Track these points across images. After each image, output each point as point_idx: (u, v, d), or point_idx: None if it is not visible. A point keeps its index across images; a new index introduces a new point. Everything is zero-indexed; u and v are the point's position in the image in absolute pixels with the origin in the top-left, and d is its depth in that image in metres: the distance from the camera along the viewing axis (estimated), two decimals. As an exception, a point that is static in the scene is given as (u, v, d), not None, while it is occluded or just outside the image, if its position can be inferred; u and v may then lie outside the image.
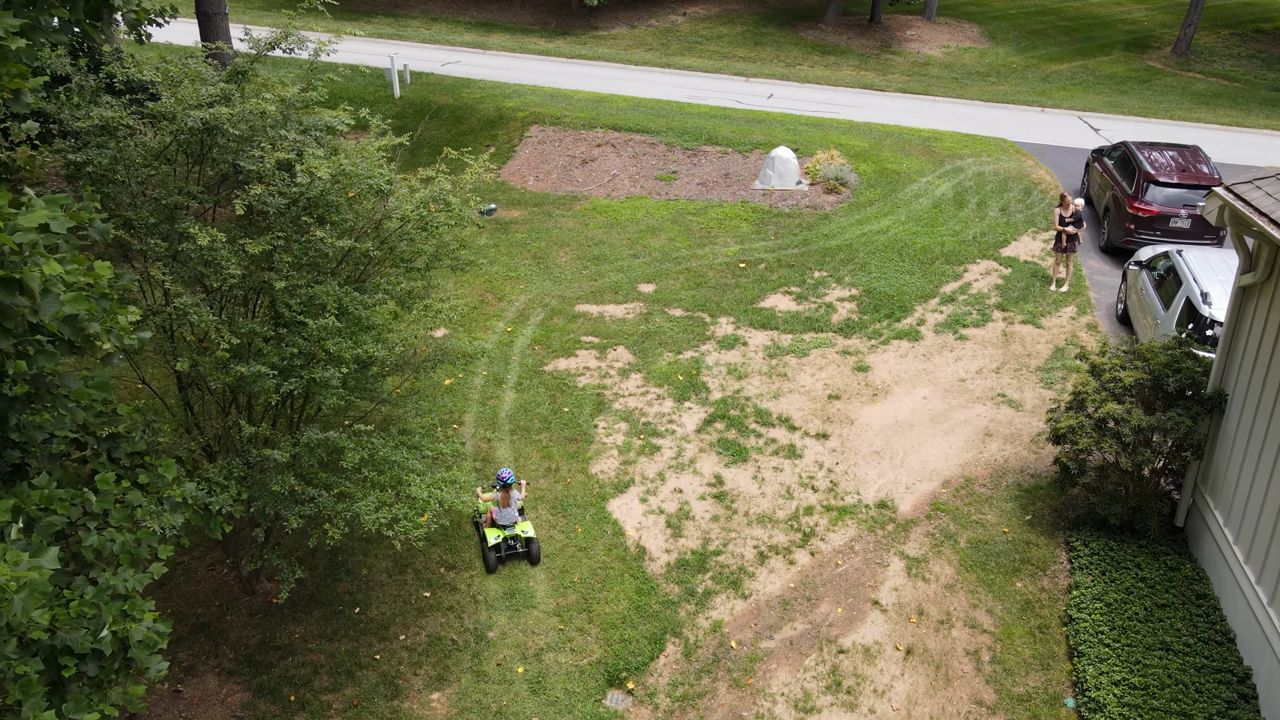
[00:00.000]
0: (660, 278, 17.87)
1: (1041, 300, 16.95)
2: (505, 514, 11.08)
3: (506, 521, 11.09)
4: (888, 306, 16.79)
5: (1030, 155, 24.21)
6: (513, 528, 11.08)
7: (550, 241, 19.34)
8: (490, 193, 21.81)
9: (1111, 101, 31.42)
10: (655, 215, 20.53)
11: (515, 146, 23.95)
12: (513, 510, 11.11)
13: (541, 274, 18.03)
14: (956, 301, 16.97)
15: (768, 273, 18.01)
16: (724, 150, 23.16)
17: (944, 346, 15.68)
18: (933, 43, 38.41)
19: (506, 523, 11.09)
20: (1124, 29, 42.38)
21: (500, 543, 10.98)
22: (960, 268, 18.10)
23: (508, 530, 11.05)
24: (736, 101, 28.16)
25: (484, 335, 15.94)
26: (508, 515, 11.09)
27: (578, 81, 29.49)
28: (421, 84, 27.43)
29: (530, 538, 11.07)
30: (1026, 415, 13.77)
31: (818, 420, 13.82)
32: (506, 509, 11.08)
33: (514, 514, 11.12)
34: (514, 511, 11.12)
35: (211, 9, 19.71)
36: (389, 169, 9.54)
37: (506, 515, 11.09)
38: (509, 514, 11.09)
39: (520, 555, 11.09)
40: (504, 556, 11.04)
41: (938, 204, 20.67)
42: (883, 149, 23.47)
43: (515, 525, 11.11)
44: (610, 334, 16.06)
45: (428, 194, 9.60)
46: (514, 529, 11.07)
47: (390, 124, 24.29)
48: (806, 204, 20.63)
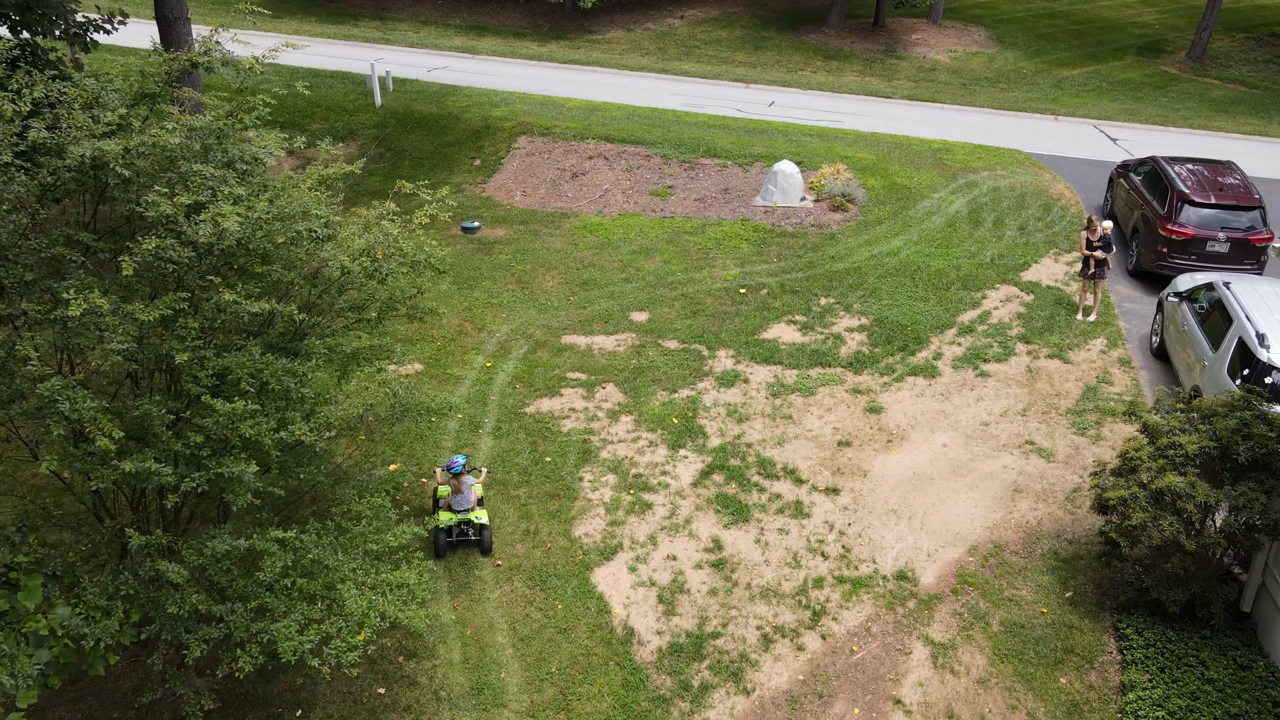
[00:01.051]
0: (654, 305, 16.52)
1: (1068, 331, 15.60)
2: (459, 500, 10.96)
3: (461, 507, 10.96)
4: (901, 338, 15.44)
5: (1047, 168, 22.87)
6: (466, 514, 10.94)
7: (536, 264, 17.98)
8: (474, 209, 20.45)
9: (1127, 109, 30.09)
10: (649, 234, 19.18)
11: (501, 159, 22.59)
12: (467, 496, 10.99)
13: (526, 300, 16.67)
14: (975, 332, 15.62)
15: (770, 299, 16.66)
16: (723, 163, 21.81)
17: (964, 384, 14.33)
18: (939, 47, 37.09)
19: (461, 509, 10.96)
20: (1136, 33, 41.07)
21: (452, 527, 10.86)
22: (978, 294, 16.75)
23: (460, 515, 10.91)
24: (736, 110, 26.82)
25: (461, 371, 14.58)
26: (461, 501, 10.97)
27: (570, 88, 28.14)
28: (404, 91, 26.08)
29: (483, 525, 10.92)
30: (1059, 467, 12.41)
31: (827, 472, 12.46)
32: (459, 495, 10.96)
33: (468, 500, 11.01)
34: (468, 498, 11.00)
35: (172, 13, 18.35)
36: (327, 210, 8.13)
37: (460, 501, 10.97)
38: (463, 500, 10.98)
39: (473, 543, 10.96)
40: (455, 543, 10.94)
41: (952, 222, 19.32)
42: (891, 162, 22.12)
43: (470, 512, 10.97)
44: (599, 369, 14.70)
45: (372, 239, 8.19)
46: (467, 515, 10.93)
47: (370, 134, 23.03)
48: (811, 222, 19.28)
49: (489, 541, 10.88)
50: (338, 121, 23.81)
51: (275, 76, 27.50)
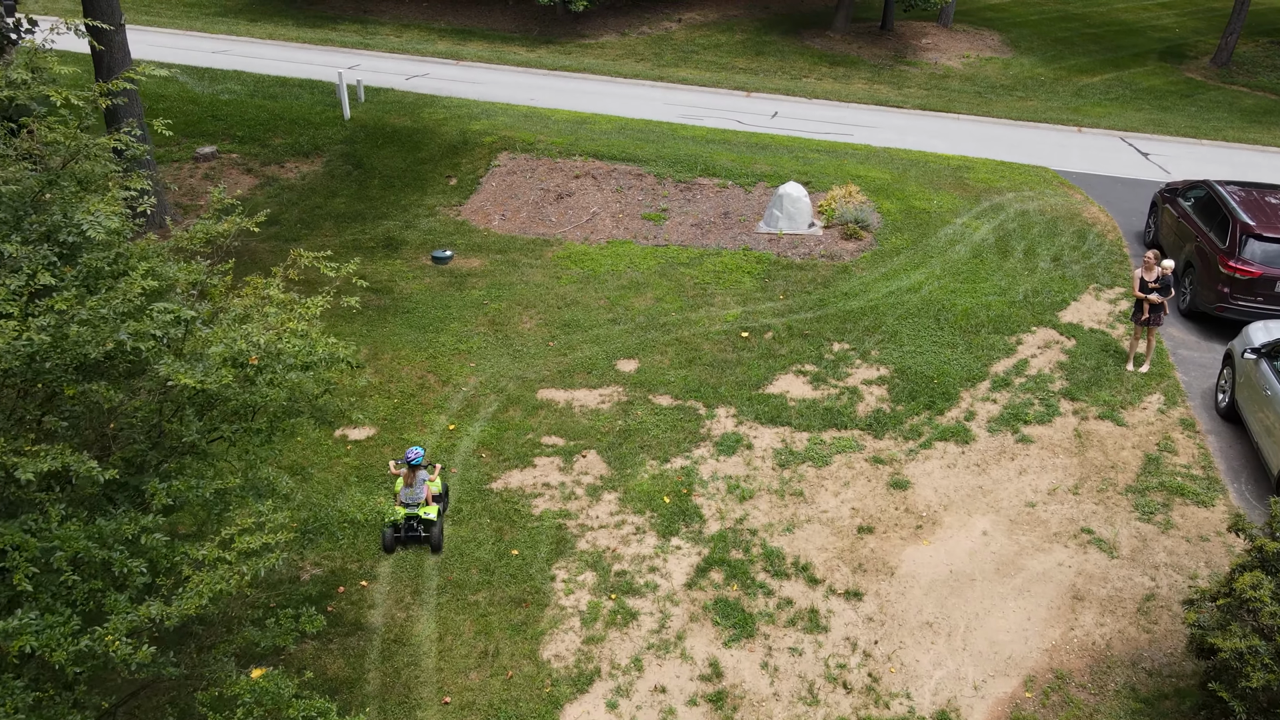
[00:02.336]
0: (645, 351, 14.53)
1: (1118, 385, 13.62)
2: (410, 494, 10.63)
3: (411, 501, 10.62)
4: (927, 393, 13.46)
5: (1077, 188, 20.89)
6: (415, 509, 10.57)
7: (513, 301, 15.99)
8: (447, 236, 18.47)
9: (1154, 119, 28.12)
10: (641, 266, 17.19)
11: (480, 178, 20.60)
12: (418, 491, 10.64)
13: (499, 346, 14.68)
14: (1012, 386, 13.63)
15: (776, 344, 14.67)
16: (722, 184, 19.83)
17: (1002, 452, 12.34)
18: (951, 52, 35.12)
19: (411, 502, 10.62)
20: (1155, 36, 39.11)
21: (400, 522, 10.49)
22: (1012, 338, 14.76)
23: (409, 510, 10.55)
24: (736, 122, 24.83)
25: (419, 434, 12.58)
26: (412, 495, 10.63)
27: (558, 98, 26.16)
28: (378, 102, 24.08)
29: (431, 521, 10.56)
30: (1125, 565, 10.42)
31: (846, 568, 10.47)
32: (410, 489, 10.63)
33: (419, 495, 10.64)
34: (419, 493, 10.64)
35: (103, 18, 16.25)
36: (182, 304, 6.13)
37: (411, 495, 10.63)
38: (414, 494, 10.63)
39: (422, 539, 10.62)
40: (404, 538, 10.61)
41: (978, 252, 17.33)
42: (908, 182, 20.14)
43: (420, 507, 10.59)
44: (580, 433, 12.71)
45: (250, 333, 6.21)
46: (416, 511, 10.56)
47: (337, 149, 21.02)
48: (821, 253, 17.29)
49: (438, 539, 10.51)
50: (302, 135, 21.82)
51: (239, 86, 25.65)
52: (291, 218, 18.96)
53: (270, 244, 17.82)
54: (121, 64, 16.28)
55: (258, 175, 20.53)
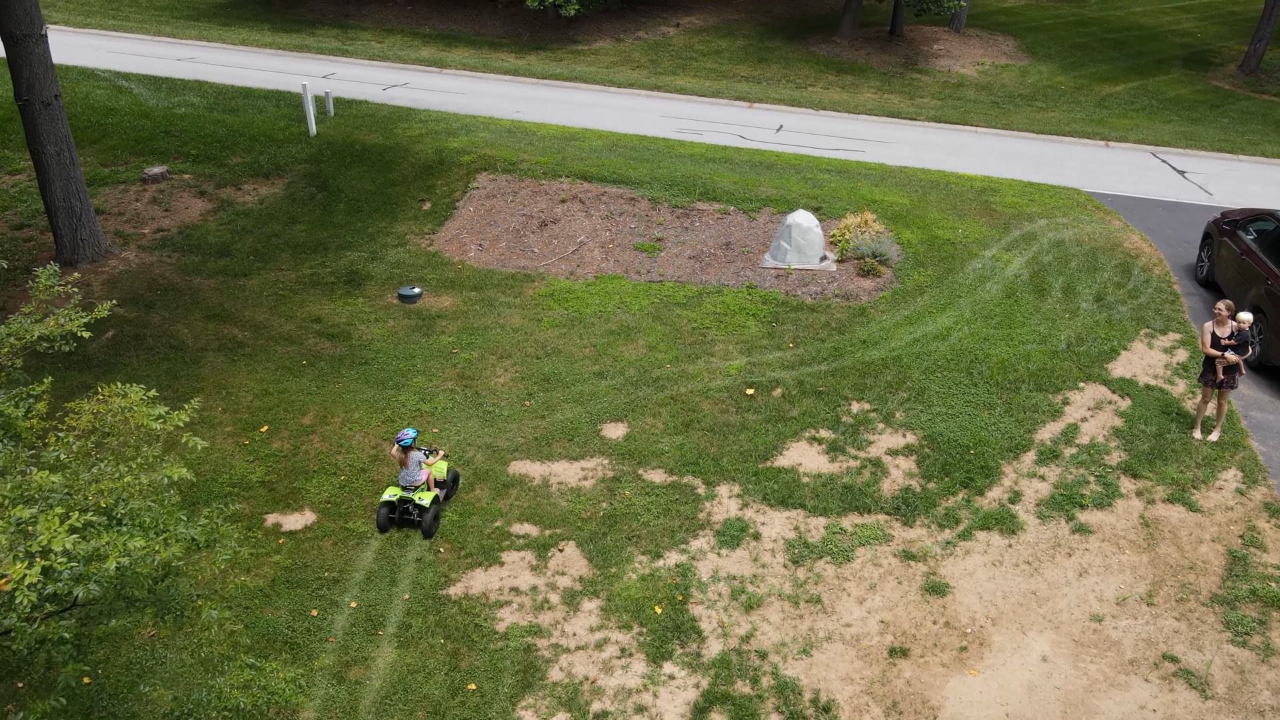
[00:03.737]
0: (635, 412, 12.62)
1: (1186, 457, 11.70)
2: (405, 475, 10.52)
3: (406, 483, 10.51)
4: (963, 467, 11.54)
5: (1113, 212, 18.98)
6: (411, 492, 10.47)
7: (486, 349, 14.08)
8: (416, 270, 16.54)
9: (1185, 133, 26.22)
10: (632, 306, 15.27)
11: (456, 202, 18.68)
12: (413, 473, 10.51)
13: (468, 406, 12.77)
14: (1062, 459, 11.72)
15: (786, 404, 12.76)
16: (724, 209, 17.91)
17: (1056, 545, 10.43)
18: (964, 59, 33.22)
19: (406, 484, 10.50)
20: (1177, 42, 37.24)
21: (395, 502, 10.46)
22: (1057, 397, 12.85)
23: (405, 492, 10.47)
24: (739, 137, 22.92)
25: (367, 523, 10.66)
26: (407, 477, 10.51)
27: (546, 110, 24.24)
28: (348, 116, 22.16)
29: (424, 507, 10.41)
30: (1222, 710, 8.50)
31: (878, 708, 8.56)
32: (406, 470, 10.50)
33: (415, 477, 10.52)
34: (415, 475, 10.51)
35: (19, 29, 14.29)
36: None
37: (406, 476, 10.52)
38: (409, 475, 10.51)
39: (415, 524, 10.52)
40: (398, 519, 10.53)
41: (1011, 291, 15.42)
42: (928, 207, 18.22)
43: (415, 491, 10.48)
44: (557, 519, 10.80)
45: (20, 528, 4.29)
46: (412, 493, 10.46)
47: (300, 169, 19.05)
48: (835, 292, 15.37)
49: (430, 525, 10.38)
50: (263, 154, 19.89)
51: (198, 98, 23.74)
52: (245, 248, 17.04)
53: (218, 280, 15.90)
54: (41, 79, 14.34)
55: (211, 198, 18.61)
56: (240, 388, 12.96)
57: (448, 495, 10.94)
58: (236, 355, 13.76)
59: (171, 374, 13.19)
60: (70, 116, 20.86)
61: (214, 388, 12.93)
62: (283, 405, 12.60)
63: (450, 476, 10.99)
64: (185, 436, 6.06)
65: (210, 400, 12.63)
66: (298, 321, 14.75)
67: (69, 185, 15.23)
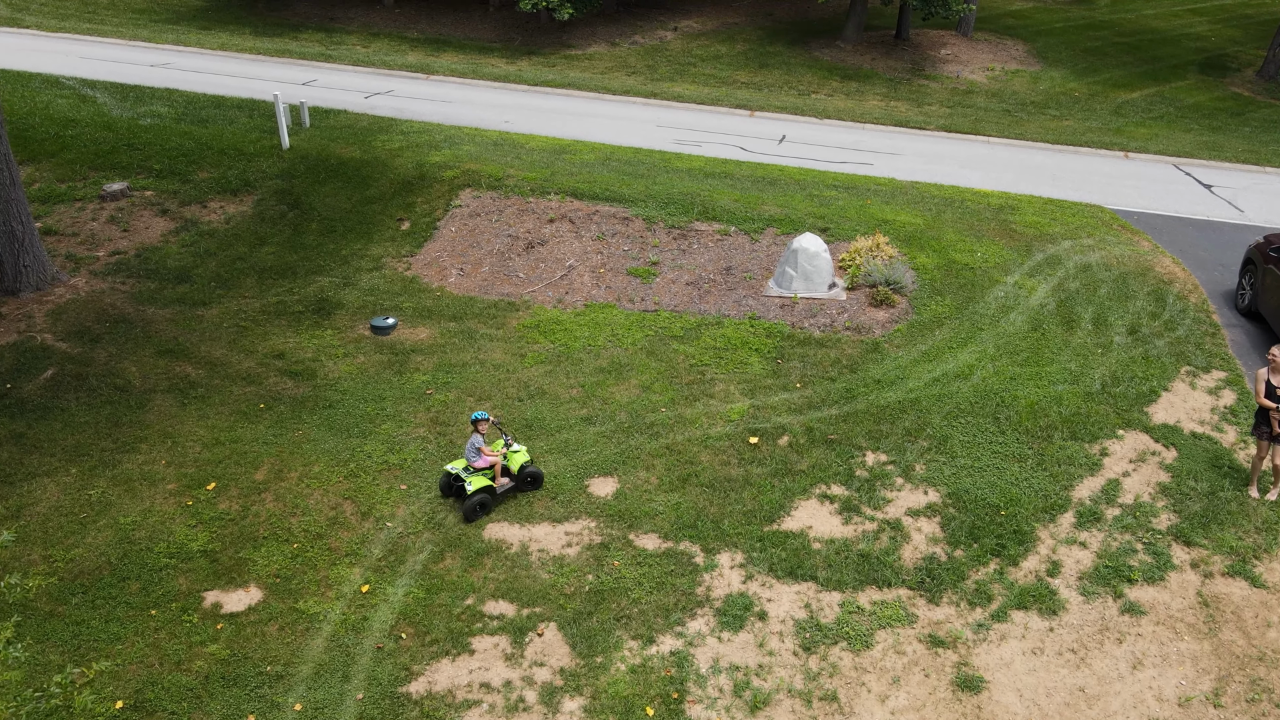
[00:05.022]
0: (626, 464, 11.36)
1: (1243, 520, 10.44)
2: (467, 450, 10.51)
3: (468, 458, 10.48)
4: (993, 531, 10.29)
5: (1141, 232, 17.74)
6: (468, 471, 10.45)
7: (464, 389, 12.82)
8: (392, 297, 15.28)
9: (1208, 143, 24.99)
10: (624, 339, 14.01)
11: (438, 221, 17.42)
12: (470, 453, 10.42)
13: (441, 457, 11.50)
14: (1104, 521, 10.46)
15: (794, 454, 11.50)
16: (724, 230, 16.65)
17: (1104, 629, 9.17)
18: (973, 64, 31.99)
19: (469, 459, 10.48)
20: (1191, 46, 36.04)
21: (454, 474, 10.55)
22: (1094, 447, 11.59)
23: (466, 472, 10.45)
24: (739, 149, 21.67)
25: (319, 601, 9.40)
26: (468, 453, 10.48)
27: (536, 120, 22.99)
28: (325, 127, 20.89)
29: (463, 489, 10.43)
30: (1313, 847, 7.25)
31: (907, 841, 7.30)
32: (470, 446, 10.46)
33: (472, 457, 10.41)
34: (472, 454, 10.41)
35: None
36: None
37: (468, 452, 10.49)
38: (468, 452, 10.47)
39: (461, 498, 10.60)
40: (454, 491, 10.68)
41: (1037, 322, 14.16)
42: (944, 227, 16.97)
43: (469, 472, 10.42)
44: (536, 595, 9.54)
45: None
46: (465, 472, 10.42)
47: (271, 186, 17.78)
48: (846, 324, 14.11)
49: (469, 511, 10.34)
50: (231, 169, 18.62)
51: (166, 108, 22.46)
52: (207, 273, 15.77)
53: (174, 310, 14.63)
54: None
55: (173, 217, 17.34)
56: (188, 436, 11.69)
57: (520, 489, 10.77)
58: (188, 397, 12.48)
59: (113, 420, 11.92)
60: (27, 129, 19.62)
61: (159, 436, 11.65)
62: (234, 457, 11.33)
63: (528, 473, 10.74)
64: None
65: (154, 452, 11.36)
66: (258, 357, 13.49)
67: (9, 208, 13.97)
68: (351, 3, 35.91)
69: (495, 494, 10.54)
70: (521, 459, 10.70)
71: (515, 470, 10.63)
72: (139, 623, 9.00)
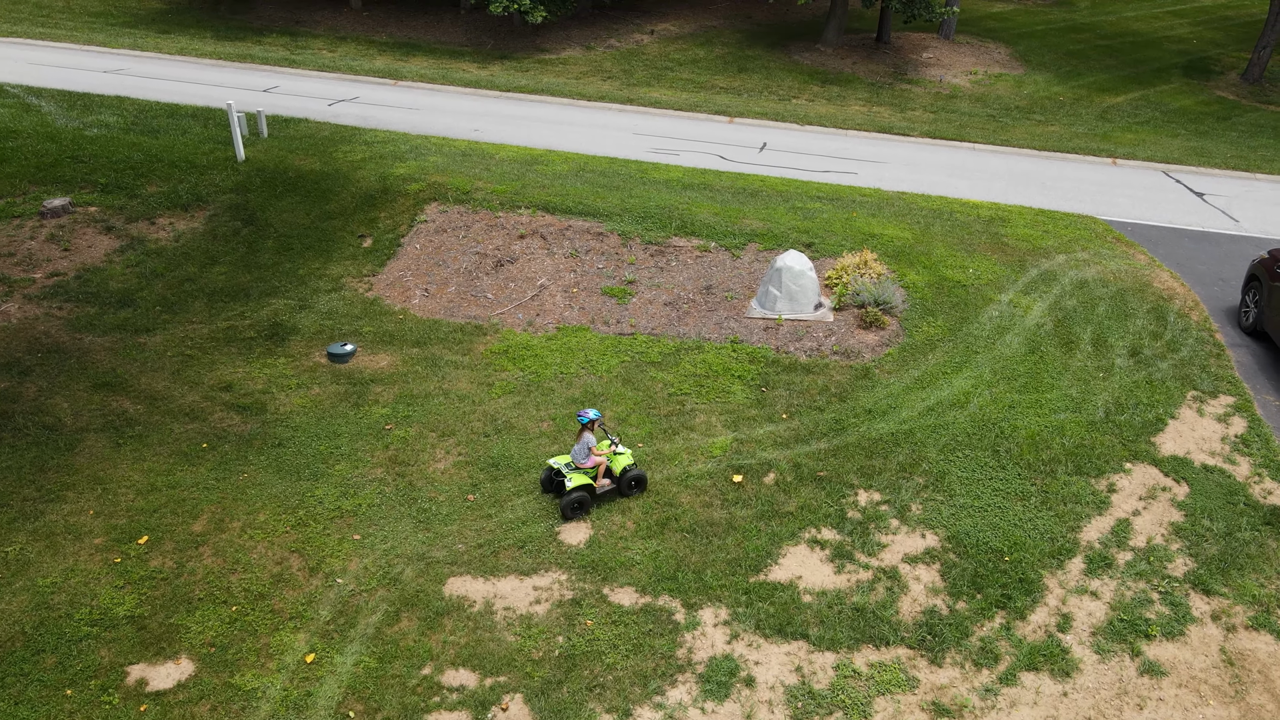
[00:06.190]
0: (599, 506, 10.48)
1: (1262, 563, 9.72)
2: (574, 451, 10.27)
3: (574, 456, 10.27)
4: (997, 580, 9.51)
5: (1136, 244, 17.08)
6: (570, 468, 10.23)
7: (426, 424, 11.90)
8: (352, 320, 14.33)
9: (1195, 148, 24.46)
10: (599, 366, 13.14)
11: (401, 238, 16.47)
12: (578, 452, 10.18)
13: (399, 502, 10.58)
14: (1115, 568, 9.71)
15: (781, 494, 10.67)
16: (704, 245, 15.82)
17: (1123, 692, 8.40)
18: (955, 68, 31.38)
19: (576, 459, 10.25)
20: (1173, 49, 35.64)
21: (556, 469, 10.29)
22: (1101, 482, 10.85)
23: (567, 468, 10.23)
24: (719, 158, 20.86)
25: (258, 674, 8.45)
26: (575, 454, 10.24)
27: (507, 128, 22.07)
28: (284, 137, 19.87)
29: (561, 485, 10.29)
30: None
31: None
32: (576, 446, 10.28)
33: (579, 456, 10.17)
34: (578, 454, 10.18)
35: None
36: None
37: (574, 453, 10.25)
38: (575, 454, 10.23)
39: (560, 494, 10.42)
40: (554, 488, 10.51)
41: (1034, 344, 13.42)
42: (933, 241, 16.22)
43: (570, 469, 10.21)
44: (501, 661, 8.65)
45: None
46: (568, 469, 10.21)
47: (225, 200, 16.73)
48: (834, 348, 13.31)
49: (566, 509, 10.13)
50: (182, 183, 17.57)
51: (115, 117, 21.35)
52: (152, 296, 14.75)
53: (114, 338, 13.61)
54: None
55: (119, 235, 16.28)
56: (121, 482, 10.70)
57: (621, 492, 10.50)
58: (123, 437, 11.48)
59: (38, 464, 10.91)
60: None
61: (88, 482, 10.65)
62: (171, 505, 10.36)
63: (630, 476, 10.47)
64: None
65: (81, 500, 10.36)
66: (204, 390, 12.50)
67: (-70, 230, 12.90)
68: (318, 5, 34.83)
69: (594, 494, 10.35)
70: (625, 461, 10.46)
71: (618, 472, 10.42)
72: (52, 705, 8.02)
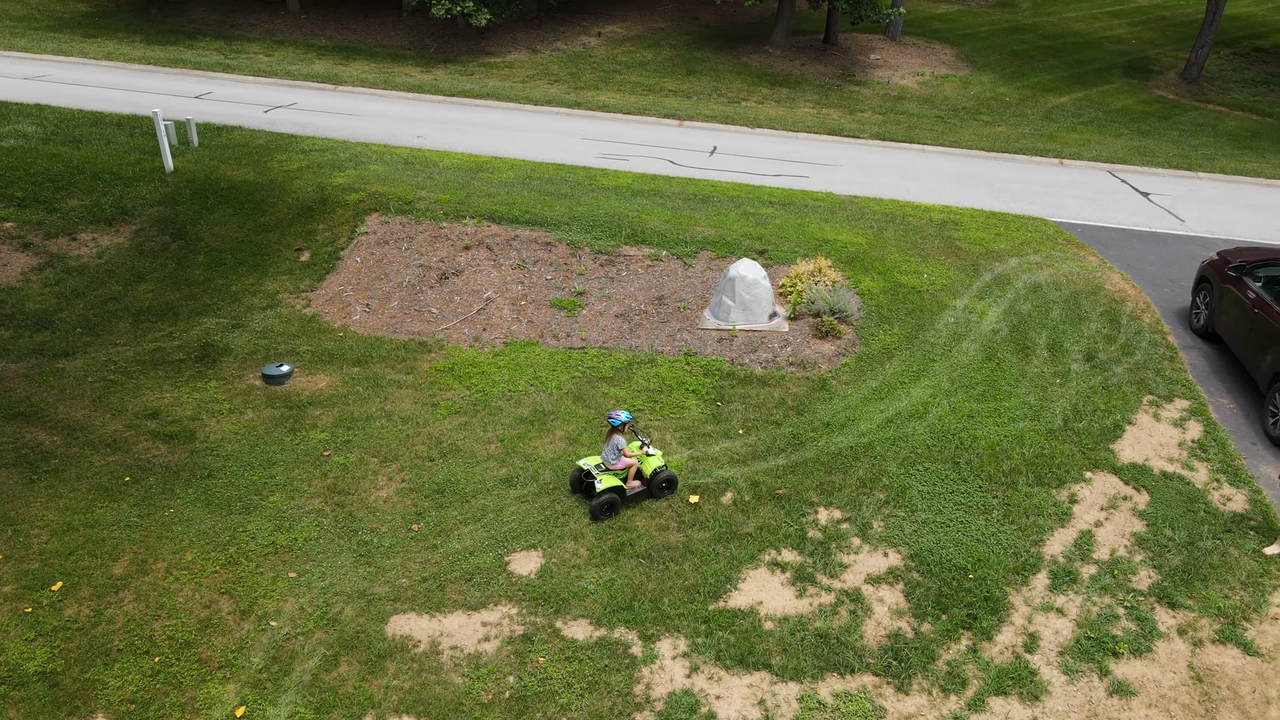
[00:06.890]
0: (551, 533, 10.03)
1: (1224, 572, 9.59)
2: (604, 452, 10.22)
3: (604, 458, 10.22)
4: (962, 599, 9.25)
5: (1087, 246, 17.08)
6: (601, 469, 10.20)
7: (367, 449, 11.32)
8: (288, 340, 13.67)
9: (1138, 148, 24.74)
10: (548, 383, 12.67)
11: (341, 251, 15.81)
12: (608, 454, 10.14)
13: (338, 535, 10.00)
14: (1080, 582, 9.51)
15: (739, 514, 10.31)
16: (655, 254, 15.43)
17: (1091, 715, 8.17)
18: (903, 69, 31.45)
19: (607, 460, 10.20)
20: (1113, 49, 36.18)
21: (586, 470, 10.23)
22: (1062, 492, 10.67)
23: (597, 469, 10.18)
24: (669, 162, 20.50)
25: (186, 731, 7.84)
26: (605, 455, 10.19)
27: (452, 134, 21.48)
28: (215, 146, 19.04)
29: (592, 486, 10.16)
30: None
31: None
32: (609, 445, 10.19)
33: (609, 458, 10.13)
34: (608, 455, 10.13)
35: None
36: None
37: (605, 453, 10.20)
38: (606, 453, 10.18)
39: (589, 495, 10.30)
40: (580, 490, 10.43)
41: (991, 351, 13.26)
42: (887, 247, 16.02)
43: (601, 469, 10.18)
44: (447, 707, 8.14)
45: None
46: (598, 470, 10.18)
47: (152, 214, 15.88)
48: (789, 359, 13.00)
49: (596, 510, 10.04)
50: (106, 195, 16.70)
51: (34, 127, 20.30)
52: (72, 317, 13.93)
53: (29, 363, 12.79)
54: None
55: (38, 252, 15.39)
56: (35, 521, 9.96)
57: (652, 494, 10.40)
58: (37, 471, 10.72)
59: (-57, 506, 10.13)
60: None
61: (-1, 524, 9.91)
62: (89, 546, 9.66)
63: (661, 478, 10.36)
64: None
65: (-10, 544, 9.61)
66: (128, 418, 11.77)
67: None
68: (254, 8, 33.77)
69: (625, 495, 10.26)
70: (655, 463, 10.37)
71: (648, 474, 10.33)
72: (-49, 777, 7.35)
